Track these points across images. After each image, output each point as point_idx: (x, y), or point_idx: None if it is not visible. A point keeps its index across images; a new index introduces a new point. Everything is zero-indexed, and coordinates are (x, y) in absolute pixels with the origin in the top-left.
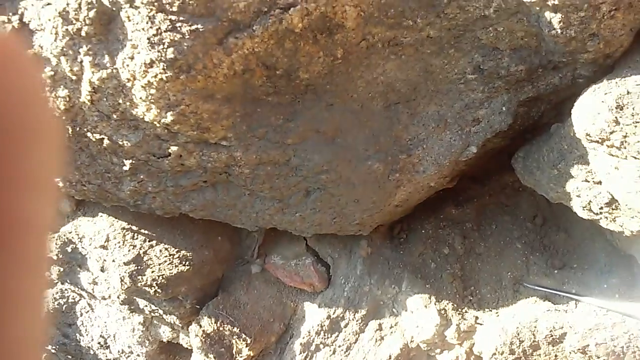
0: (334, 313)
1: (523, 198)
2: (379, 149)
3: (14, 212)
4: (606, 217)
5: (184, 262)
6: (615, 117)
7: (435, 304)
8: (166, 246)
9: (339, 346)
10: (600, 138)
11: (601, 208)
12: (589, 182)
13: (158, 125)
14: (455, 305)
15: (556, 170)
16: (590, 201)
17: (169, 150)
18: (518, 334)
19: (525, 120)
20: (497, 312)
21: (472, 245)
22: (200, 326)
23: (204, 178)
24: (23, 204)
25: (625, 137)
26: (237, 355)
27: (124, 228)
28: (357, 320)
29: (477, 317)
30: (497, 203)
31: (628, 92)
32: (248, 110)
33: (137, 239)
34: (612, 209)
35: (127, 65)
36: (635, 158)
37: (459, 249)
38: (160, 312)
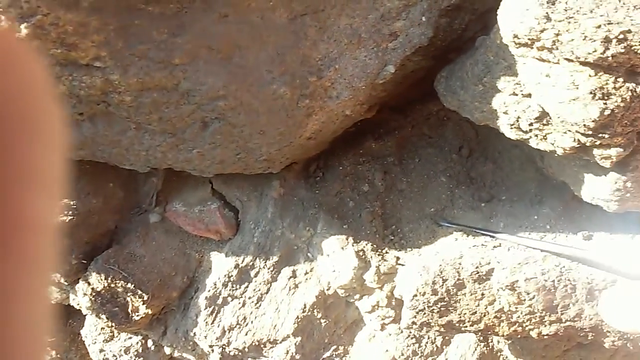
0: (242, 262)
1: (448, 128)
2: (285, 70)
3: (17, 208)
4: (536, 135)
5: (66, 212)
6: (547, 13)
7: (352, 246)
8: None
9: (249, 298)
10: (529, 39)
11: (531, 124)
12: (517, 95)
13: None
14: (374, 246)
15: (481, 86)
16: (518, 117)
17: None
18: (441, 272)
19: (448, 34)
20: (419, 252)
21: (394, 180)
22: (89, 283)
23: (78, 109)
24: (25, 200)
25: (557, 35)
26: (133, 314)
27: None
28: (268, 268)
29: (398, 258)
30: (421, 134)
31: None
32: (123, 23)
33: None
34: (543, 125)
35: None
36: (569, 60)
37: (379, 185)
38: None
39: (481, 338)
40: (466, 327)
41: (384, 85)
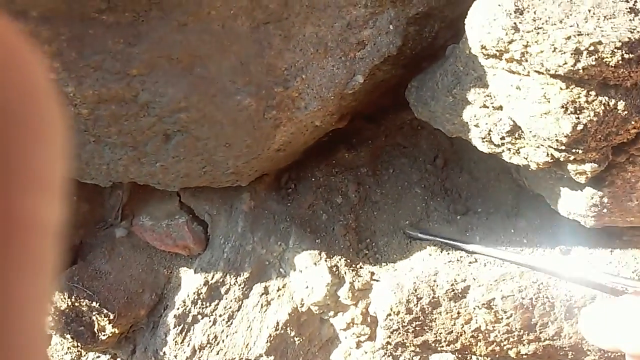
0: (212, 278)
1: (422, 137)
2: (250, 80)
3: (18, 209)
4: (509, 149)
5: None
6: (514, 23)
7: (325, 261)
8: None
9: (220, 316)
10: (497, 50)
11: (502, 138)
12: (487, 107)
13: None
14: (348, 261)
15: (451, 97)
16: (490, 130)
17: None
18: (415, 290)
19: (418, 42)
20: (394, 267)
21: (368, 192)
22: (52, 302)
23: None
24: (27, 201)
25: (526, 46)
26: (99, 334)
27: None
28: (239, 285)
29: (372, 273)
30: (394, 144)
31: None
32: (77, 33)
33: None
34: (515, 138)
35: None
36: (539, 72)
37: (352, 197)
38: None
39: (459, 356)
40: (442, 347)
41: (354, 95)
